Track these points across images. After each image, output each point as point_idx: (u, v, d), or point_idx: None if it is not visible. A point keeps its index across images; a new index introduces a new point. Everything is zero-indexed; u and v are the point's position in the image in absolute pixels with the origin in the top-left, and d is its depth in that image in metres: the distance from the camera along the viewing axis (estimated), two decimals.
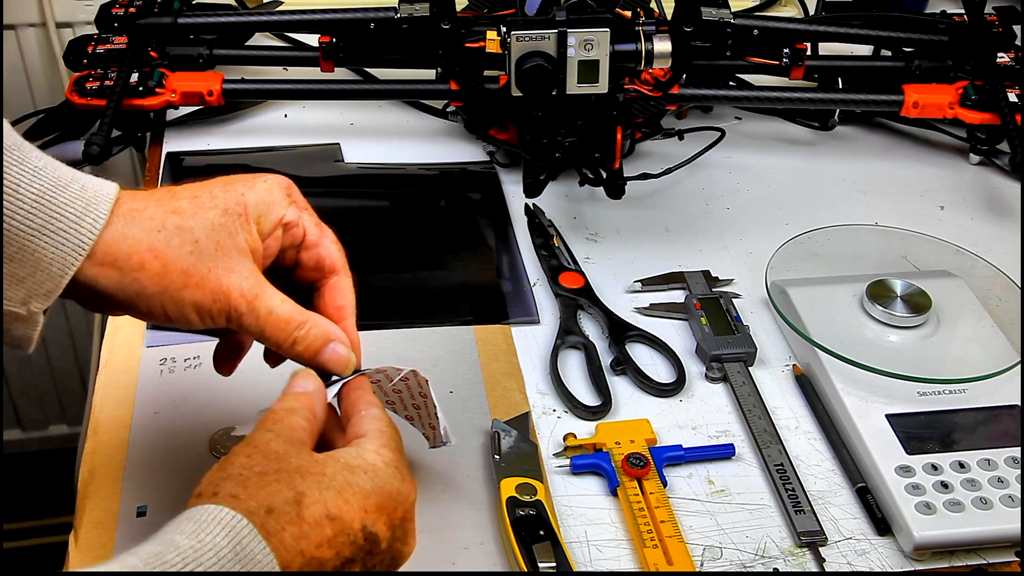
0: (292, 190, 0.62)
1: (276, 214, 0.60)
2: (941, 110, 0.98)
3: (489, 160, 1.03)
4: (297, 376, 0.59)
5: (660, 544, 0.66)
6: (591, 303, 0.86)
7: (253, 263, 0.59)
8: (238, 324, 0.58)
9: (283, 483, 0.51)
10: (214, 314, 0.57)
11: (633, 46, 0.83)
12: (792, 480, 0.72)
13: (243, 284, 0.58)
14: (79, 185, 0.55)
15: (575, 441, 0.74)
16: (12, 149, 0.54)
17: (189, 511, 0.49)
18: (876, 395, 0.75)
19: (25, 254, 0.53)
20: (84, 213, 0.54)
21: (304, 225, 0.62)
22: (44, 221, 0.53)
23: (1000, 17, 1.06)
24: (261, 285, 0.58)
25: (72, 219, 0.54)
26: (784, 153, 1.07)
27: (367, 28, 0.97)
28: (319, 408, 0.58)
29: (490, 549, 0.67)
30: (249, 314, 0.58)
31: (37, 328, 0.56)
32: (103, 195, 0.56)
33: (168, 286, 0.56)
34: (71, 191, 0.54)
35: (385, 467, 0.55)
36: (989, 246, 0.92)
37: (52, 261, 0.54)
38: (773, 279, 0.85)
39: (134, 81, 0.97)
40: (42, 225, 0.53)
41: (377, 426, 0.58)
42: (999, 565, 0.68)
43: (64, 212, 0.54)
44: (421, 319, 0.84)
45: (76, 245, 0.54)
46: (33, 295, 0.54)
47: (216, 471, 0.52)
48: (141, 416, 0.74)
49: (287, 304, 0.59)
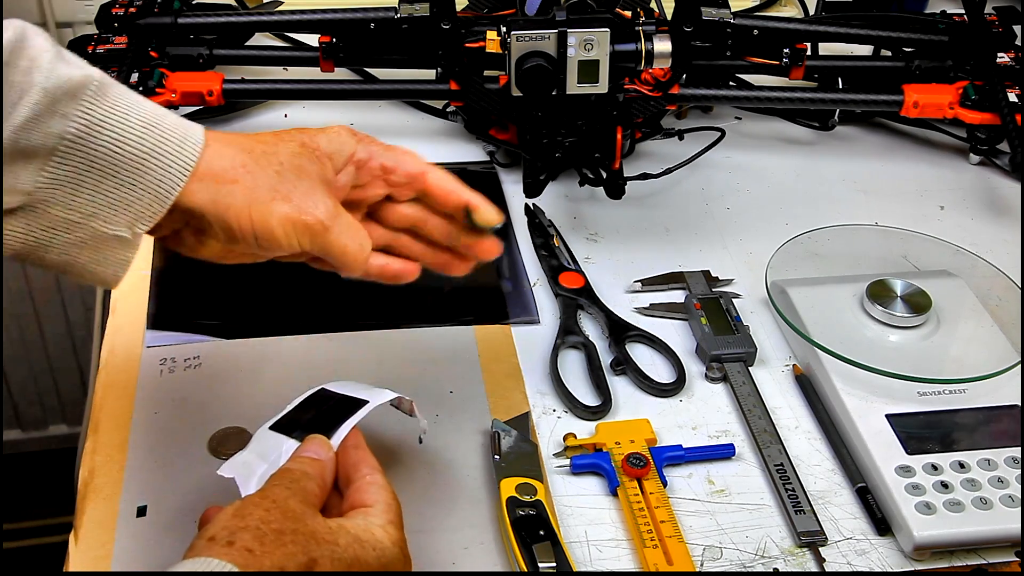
0: (359, 133, 0.66)
1: (346, 151, 0.65)
2: (941, 110, 0.98)
3: (489, 160, 1.03)
4: (311, 441, 0.62)
5: (660, 544, 0.66)
6: (591, 303, 0.86)
7: (329, 192, 0.63)
8: (321, 243, 0.62)
9: (298, 546, 0.53)
10: (299, 229, 0.61)
11: (633, 46, 0.83)
12: (792, 480, 0.72)
13: (324, 204, 0.61)
14: (173, 117, 0.59)
15: (575, 441, 0.74)
16: (108, 85, 0.57)
17: (202, 560, 0.50)
18: (876, 395, 0.75)
19: (136, 176, 0.57)
20: (186, 137, 0.59)
21: (376, 158, 0.66)
22: (154, 144, 0.57)
23: (1000, 17, 1.06)
24: (339, 208, 0.63)
25: (177, 142, 0.58)
26: (784, 153, 1.07)
27: (367, 28, 0.97)
28: (329, 477, 0.60)
29: (490, 549, 0.67)
30: (330, 231, 0.62)
31: (135, 252, 0.59)
32: (194, 125, 0.60)
33: (258, 198, 0.60)
34: (170, 119, 0.59)
35: (392, 546, 0.57)
36: (989, 246, 0.92)
37: (161, 181, 0.57)
38: (773, 279, 0.85)
39: (134, 81, 0.97)
40: (152, 148, 0.57)
41: (384, 498, 0.59)
42: (999, 565, 0.68)
43: (170, 136, 0.58)
44: (421, 319, 0.84)
45: (183, 164, 0.58)
46: (140, 217, 0.58)
47: (233, 518, 0.53)
48: (141, 416, 0.74)
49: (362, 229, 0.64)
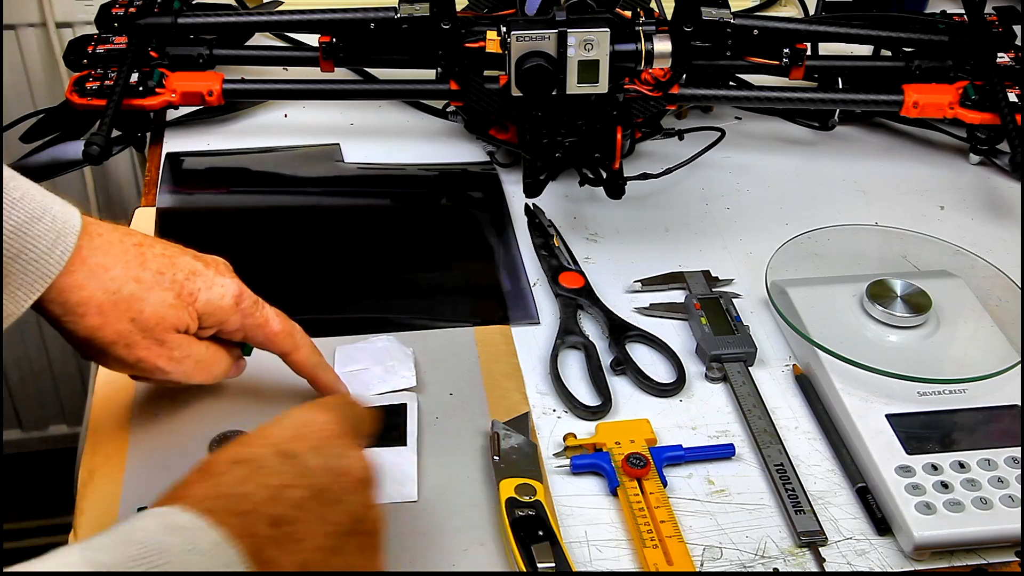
0: (243, 298, 0.68)
1: (218, 317, 0.67)
2: (941, 110, 0.98)
3: (489, 160, 1.03)
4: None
5: (660, 544, 0.66)
6: (591, 303, 0.86)
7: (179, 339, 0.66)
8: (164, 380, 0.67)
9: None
10: (134, 369, 0.66)
11: (633, 46, 0.83)
12: (792, 480, 0.72)
13: (167, 351, 0.65)
14: (50, 217, 0.60)
15: (575, 441, 0.74)
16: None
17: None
18: (876, 395, 0.75)
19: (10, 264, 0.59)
20: (53, 247, 0.60)
21: (245, 332, 0.69)
22: (19, 250, 0.59)
23: (1000, 17, 1.06)
24: (188, 349, 0.66)
25: (43, 250, 0.60)
26: (784, 153, 1.07)
27: (367, 28, 0.96)
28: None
29: (490, 549, 0.67)
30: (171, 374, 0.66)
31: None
32: (70, 228, 0.61)
33: (101, 339, 0.63)
34: (43, 223, 0.60)
35: (297, 409, 0.55)
36: (989, 246, 0.92)
37: (20, 286, 0.59)
38: (773, 279, 0.85)
39: (134, 81, 0.97)
40: (16, 254, 0.59)
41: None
42: (999, 565, 0.68)
43: (37, 243, 0.59)
44: (421, 319, 0.84)
45: (43, 274, 0.60)
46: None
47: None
48: (141, 416, 0.74)
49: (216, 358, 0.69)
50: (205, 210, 0.96)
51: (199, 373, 0.68)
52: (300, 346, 0.70)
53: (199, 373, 0.68)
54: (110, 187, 1.57)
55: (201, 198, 0.97)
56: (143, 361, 0.65)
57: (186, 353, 0.66)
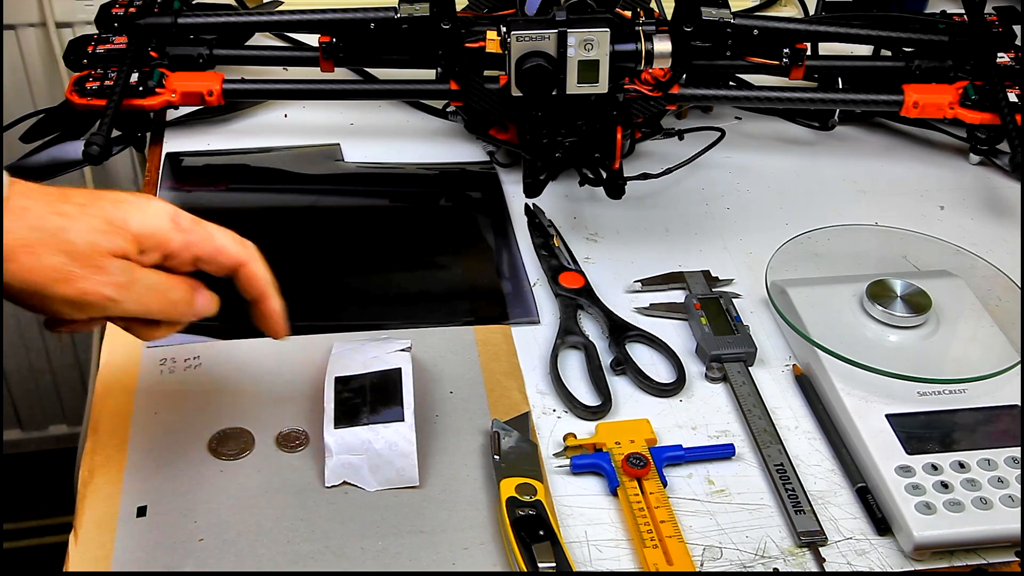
0: (179, 215, 0.65)
1: (159, 236, 0.63)
2: (941, 110, 0.98)
3: (489, 160, 1.03)
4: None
5: (660, 544, 0.66)
6: (591, 303, 0.86)
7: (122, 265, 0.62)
8: (117, 313, 0.62)
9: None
10: (86, 308, 0.61)
11: (633, 46, 0.83)
12: (792, 480, 0.72)
13: (112, 278, 0.61)
14: None
15: (575, 441, 0.74)
16: None
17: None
18: (876, 395, 0.75)
19: None
20: None
21: (191, 249, 0.65)
22: None
23: (1000, 17, 1.06)
24: (132, 273, 0.62)
25: None
26: (784, 153, 1.07)
27: (367, 28, 0.97)
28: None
29: (490, 549, 0.67)
30: (121, 303, 0.61)
31: None
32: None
33: (37, 280, 0.59)
34: None
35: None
36: (989, 246, 0.92)
37: None
38: (773, 279, 0.85)
39: (134, 81, 0.97)
40: None
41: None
42: (999, 565, 0.68)
43: None
44: (421, 319, 0.84)
45: None
46: None
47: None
48: (141, 416, 0.74)
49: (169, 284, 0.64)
50: (205, 210, 0.94)
51: (156, 301, 0.63)
52: (255, 257, 0.67)
53: (156, 301, 0.63)
54: (110, 187, 1.57)
55: (201, 198, 0.97)
56: (87, 293, 0.60)
57: (132, 277, 0.62)
